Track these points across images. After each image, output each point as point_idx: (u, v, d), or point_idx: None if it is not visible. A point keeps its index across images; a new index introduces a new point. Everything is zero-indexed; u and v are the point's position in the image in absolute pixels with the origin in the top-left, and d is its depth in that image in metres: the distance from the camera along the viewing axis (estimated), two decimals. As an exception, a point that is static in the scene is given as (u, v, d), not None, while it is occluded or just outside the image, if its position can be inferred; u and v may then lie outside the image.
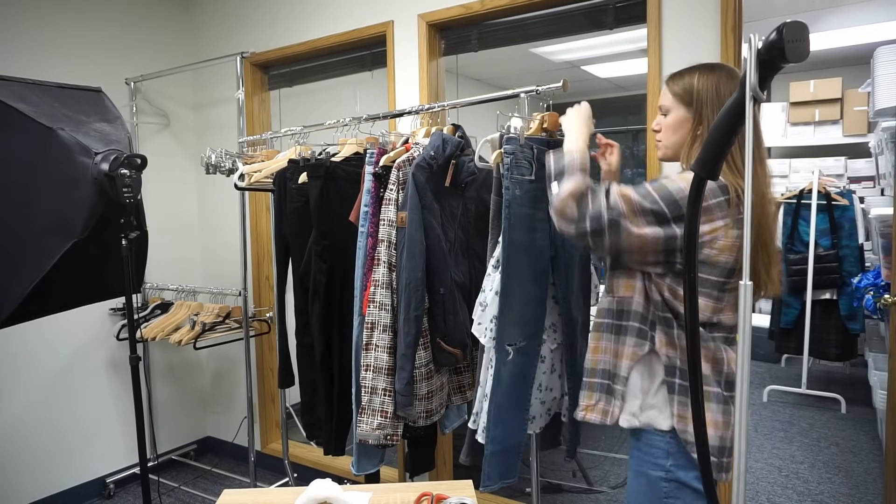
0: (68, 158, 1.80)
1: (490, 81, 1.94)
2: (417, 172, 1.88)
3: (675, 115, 1.47)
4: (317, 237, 2.16)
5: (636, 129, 5.60)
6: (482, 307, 1.77)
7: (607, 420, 1.46)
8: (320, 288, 2.16)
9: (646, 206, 1.32)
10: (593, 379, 1.50)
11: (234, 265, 3.24)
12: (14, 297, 1.84)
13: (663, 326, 1.40)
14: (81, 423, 3.13)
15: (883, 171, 4.11)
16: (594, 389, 1.49)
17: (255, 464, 3.10)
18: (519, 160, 1.71)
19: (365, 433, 1.93)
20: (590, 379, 1.51)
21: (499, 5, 2.45)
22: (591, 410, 1.49)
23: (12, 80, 1.90)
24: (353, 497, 1.41)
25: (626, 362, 1.44)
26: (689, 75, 1.45)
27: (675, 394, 1.38)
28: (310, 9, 3.05)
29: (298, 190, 2.22)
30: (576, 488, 3.11)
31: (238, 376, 3.48)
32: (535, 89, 1.82)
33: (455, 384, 2.17)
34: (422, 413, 1.98)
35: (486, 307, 1.76)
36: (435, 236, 1.93)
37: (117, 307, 3.22)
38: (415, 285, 1.88)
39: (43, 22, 2.94)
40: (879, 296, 2.83)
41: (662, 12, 2.13)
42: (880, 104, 3.29)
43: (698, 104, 1.42)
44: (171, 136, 3.53)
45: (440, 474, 2.83)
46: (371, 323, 1.94)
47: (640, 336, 1.43)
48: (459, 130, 2.07)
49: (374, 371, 1.93)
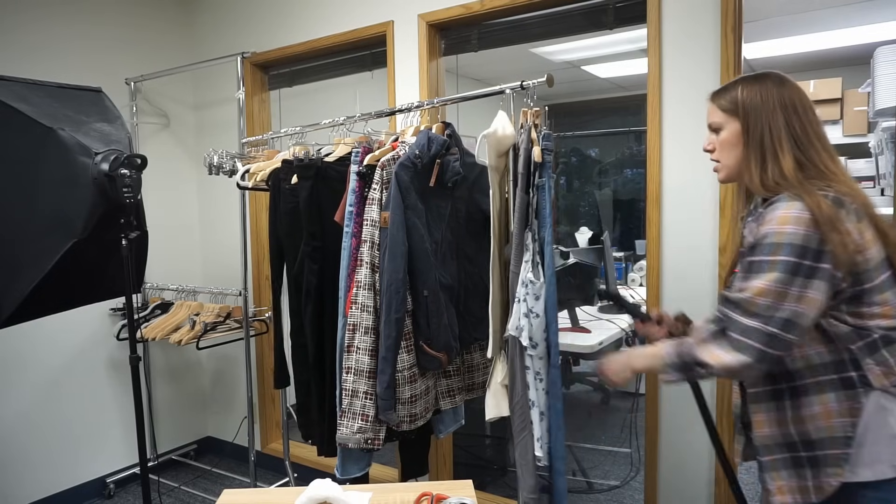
0: (68, 158, 1.80)
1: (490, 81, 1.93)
2: (400, 171, 1.86)
3: (729, 131, 1.35)
4: (307, 238, 2.15)
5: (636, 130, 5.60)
6: (530, 316, 1.64)
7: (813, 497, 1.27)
8: (312, 289, 2.15)
9: (784, 276, 1.19)
10: (779, 455, 1.32)
11: (234, 265, 3.23)
12: (14, 297, 1.84)
13: (870, 356, 1.24)
14: (82, 423, 3.13)
15: (883, 171, 4.10)
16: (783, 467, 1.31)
17: (255, 464, 3.09)
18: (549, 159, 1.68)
19: (345, 436, 1.90)
20: (772, 456, 1.33)
21: (499, 5, 2.45)
22: (783, 492, 1.31)
23: (12, 80, 1.90)
24: (353, 497, 1.41)
25: (840, 422, 1.24)
26: (733, 88, 1.36)
27: None
28: (310, 9, 3.05)
29: (292, 190, 2.21)
30: (576, 488, 3.11)
31: (238, 376, 3.47)
32: (520, 85, 1.80)
33: (444, 388, 2.12)
34: (405, 417, 1.93)
35: (538, 316, 1.63)
36: (418, 237, 1.89)
37: (117, 307, 3.22)
38: (396, 287, 1.84)
39: (43, 22, 2.94)
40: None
41: (662, 12, 2.13)
42: (880, 104, 3.29)
43: (748, 114, 1.32)
44: (171, 136, 3.53)
45: (440, 474, 2.83)
46: (353, 325, 1.91)
47: (847, 386, 1.25)
48: (449, 129, 2.02)
49: (355, 373, 1.90)
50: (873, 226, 1.24)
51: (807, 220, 1.18)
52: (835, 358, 1.26)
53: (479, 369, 2.20)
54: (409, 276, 1.89)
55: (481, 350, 2.15)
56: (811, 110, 1.31)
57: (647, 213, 2.22)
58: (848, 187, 1.25)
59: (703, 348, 1.29)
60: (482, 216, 1.97)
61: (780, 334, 1.20)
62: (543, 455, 1.70)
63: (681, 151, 2.14)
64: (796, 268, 1.19)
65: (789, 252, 1.19)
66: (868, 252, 1.22)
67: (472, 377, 2.19)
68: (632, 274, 4.30)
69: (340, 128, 2.30)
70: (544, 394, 1.68)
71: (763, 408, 1.34)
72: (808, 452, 1.27)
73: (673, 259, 2.18)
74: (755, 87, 1.33)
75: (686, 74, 2.11)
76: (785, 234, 1.19)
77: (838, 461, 1.24)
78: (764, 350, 1.21)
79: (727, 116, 1.35)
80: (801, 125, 1.29)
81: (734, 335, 1.24)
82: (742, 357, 1.22)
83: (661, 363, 1.36)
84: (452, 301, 2.02)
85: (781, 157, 1.27)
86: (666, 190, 2.18)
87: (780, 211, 1.22)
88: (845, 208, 1.21)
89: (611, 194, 5.97)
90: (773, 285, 1.20)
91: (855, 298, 1.23)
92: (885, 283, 1.24)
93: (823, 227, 1.18)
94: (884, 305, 1.23)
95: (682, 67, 2.12)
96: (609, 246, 3.66)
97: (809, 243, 1.18)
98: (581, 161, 6.39)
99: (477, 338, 2.10)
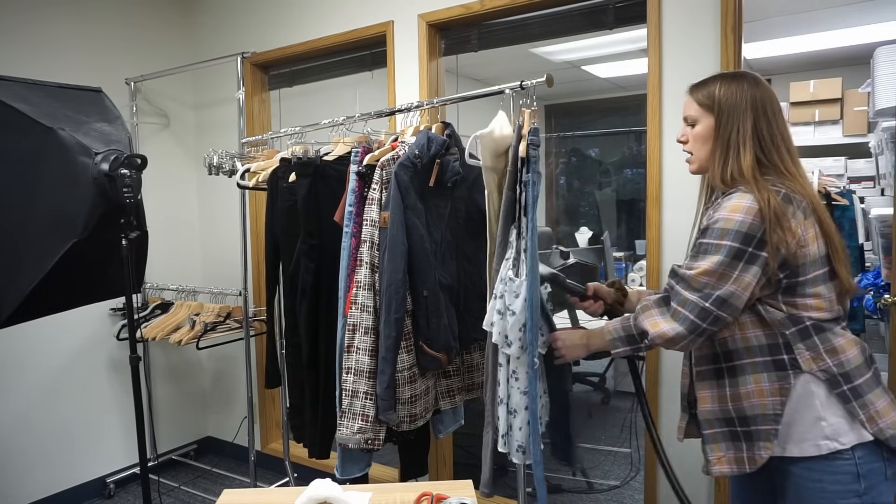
0: (68, 158, 1.80)
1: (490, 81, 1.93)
2: (400, 171, 1.85)
3: (704, 125, 1.43)
4: (304, 236, 2.14)
5: (636, 130, 5.60)
6: (503, 314, 1.63)
7: (747, 467, 1.38)
8: (307, 287, 2.14)
9: (726, 259, 1.30)
10: (719, 429, 1.42)
11: (234, 265, 3.24)
12: (14, 296, 1.84)
13: (801, 341, 1.33)
14: (81, 423, 3.13)
15: (883, 171, 4.10)
16: (721, 440, 1.42)
17: (255, 464, 3.09)
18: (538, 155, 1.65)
19: (345, 437, 1.89)
20: (713, 430, 1.43)
21: (499, 5, 2.45)
22: (722, 462, 1.42)
23: (12, 80, 1.90)
24: (353, 497, 1.41)
25: (771, 400, 1.34)
26: (711, 84, 1.43)
27: (853, 400, 1.30)
28: (310, 9, 3.05)
29: (289, 189, 2.20)
30: (576, 488, 3.11)
31: (238, 376, 3.47)
32: (520, 85, 1.79)
33: (443, 388, 2.12)
34: (405, 417, 1.93)
35: (514, 314, 1.61)
36: (418, 237, 1.89)
37: (117, 307, 3.22)
38: (395, 287, 1.84)
39: (43, 22, 2.94)
40: (879, 296, 2.82)
41: (662, 12, 2.13)
42: (880, 104, 3.29)
43: (721, 112, 1.39)
44: (171, 136, 3.53)
45: (440, 474, 2.83)
46: (353, 325, 1.91)
47: (779, 367, 1.34)
48: (448, 128, 2.01)
49: (356, 374, 1.90)
50: (818, 224, 1.34)
51: (755, 211, 1.28)
52: (770, 342, 1.35)
53: (479, 369, 2.19)
54: (409, 276, 1.89)
55: (481, 350, 2.14)
56: (779, 114, 1.40)
57: (647, 213, 2.22)
58: (801, 187, 1.35)
59: (647, 315, 1.42)
60: (482, 216, 1.96)
61: (715, 311, 1.32)
62: (513, 452, 1.69)
63: (681, 151, 2.12)
64: (739, 253, 1.30)
65: (734, 238, 1.29)
66: (808, 248, 1.31)
67: (472, 377, 2.19)
68: (632, 274, 4.30)
69: (340, 127, 2.30)
70: (518, 392, 1.65)
71: (706, 385, 1.44)
72: (744, 427, 1.38)
73: (673, 259, 2.18)
74: (732, 85, 1.40)
75: (686, 74, 2.11)
76: (733, 222, 1.30)
77: (769, 436, 1.35)
78: (698, 323, 1.33)
79: (703, 111, 1.43)
80: (767, 127, 1.38)
81: (674, 305, 1.37)
82: (678, 327, 1.35)
83: (610, 338, 1.50)
84: (452, 301, 2.02)
85: (743, 155, 1.36)
86: (666, 190, 2.18)
87: (733, 201, 1.32)
88: (794, 205, 1.31)
89: (611, 194, 5.97)
90: (715, 267, 1.31)
91: (790, 289, 1.33)
92: (819, 278, 1.33)
93: (769, 220, 1.27)
94: (816, 298, 1.33)
95: (682, 67, 2.12)
96: (609, 246, 3.66)
97: (754, 232, 1.28)
98: (581, 161, 6.39)
99: (476, 338, 2.09)
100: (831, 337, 1.33)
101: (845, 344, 1.34)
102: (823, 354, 1.32)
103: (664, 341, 1.38)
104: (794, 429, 1.33)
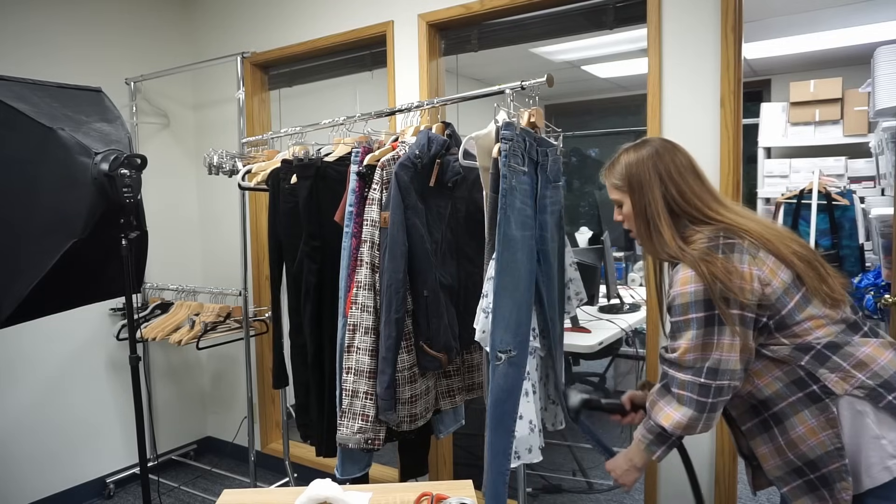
0: (68, 158, 1.80)
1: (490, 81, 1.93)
2: (400, 172, 1.85)
3: (627, 205, 1.47)
4: (306, 238, 2.15)
5: (636, 130, 5.60)
6: (486, 314, 1.67)
7: None
8: (311, 288, 2.15)
9: (700, 331, 1.29)
10: (794, 483, 1.33)
11: (234, 265, 3.23)
12: (14, 297, 1.84)
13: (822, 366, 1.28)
14: (81, 423, 3.13)
15: (883, 171, 4.10)
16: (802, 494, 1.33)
17: (255, 464, 3.09)
18: (514, 150, 1.65)
19: (345, 437, 1.90)
20: (790, 486, 1.34)
21: (499, 5, 2.45)
22: None
23: (12, 80, 1.90)
24: (353, 497, 1.41)
25: (825, 435, 1.27)
26: (618, 163, 1.48)
27: None
28: (310, 9, 3.05)
29: (291, 190, 2.21)
30: (576, 488, 3.11)
31: (238, 376, 3.47)
32: (520, 85, 1.80)
33: (444, 388, 2.12)
34: (405, 417, 1.93)
35: (489, 314, 1.65)
36: (419, 237, 1.89)
37: (117, 307, 3.22)
38: (395, 287, 1.84)
39: (43, 22, 2.94)
40: (880, 296, 2.82)
41: (662, 12, 2.13)
42: (880, 104, 3.28)
43: (633, 190, 1.43)
44: (171, 136, 3.53)
45: (440, 474, 2.83)
46: (353, 325, 1.91)
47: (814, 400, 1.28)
48: (449, 128, 2.02)
49: (356, 374, 1.90)
50: (772, 253, 1.32)
51: (704, 276, 1.28)
52: (792, 378, 1.31)
53: (479, 369, 2.19)
54: (409, 276, 1.89)
55: (481, 350, 2.14)
56: (685, 169, 1.42)
57: (647, 213, 2.21)
58: (736, 224, 1.34)
59: (657, 410, 1.41)
60: (482, 216, 1.97)
61: (712, 383, 1.30)
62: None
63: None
64: (708, 320, 1.29)
65: (696, 309, 1.30)
66: (773, 282, 1.30)
67: (472, 377, 2.19)
68: (632, 274, 4.30)
69: (340, 128, 2.30)
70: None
71: (760, 441, 1.38)
72: (815, 473, 1.30)
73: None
74: (635, 160, 1.45)
75: (686, 74, 2.11)
76: (688, 294, 1.30)
77: (841, 475, 1.26)
78: (703, 401, 1.32)
79: (621, 193, 1.48)
80: (677, 189, 1.40)
81: (675, 390, 1.36)
82: (687, 410, 1.34)
83: (644, 446, 1.45)
84: (452, 301, 2.02)
85: (661, 228, 1.39)
86: (666, 190, 2.17)
87: (680, 274, 1.33)
88: (737, 251, 1.30)
89: (611, 194, 5.96)
90: (693, 342, 1.31)
91: (781, 325, 1.30)
92: (801, 302, 1.30)
93: (721, 280, 1.26)
94: (811, 320, 1.30)
95: (682, 67, 2.12)
96: (609, 246, 3.65)
97: (712, 296, 1.27)
98: (581, 161, 6.39)
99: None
100: (852, 350, 1.27)
101: (873, 352, 1.27)
102: (852, 371, 1.26)
103: (682, 430, 1.36)
104: (861, 457, 1.25)
